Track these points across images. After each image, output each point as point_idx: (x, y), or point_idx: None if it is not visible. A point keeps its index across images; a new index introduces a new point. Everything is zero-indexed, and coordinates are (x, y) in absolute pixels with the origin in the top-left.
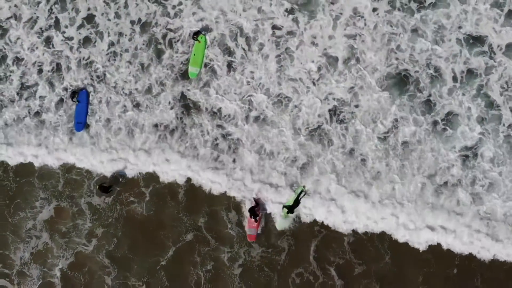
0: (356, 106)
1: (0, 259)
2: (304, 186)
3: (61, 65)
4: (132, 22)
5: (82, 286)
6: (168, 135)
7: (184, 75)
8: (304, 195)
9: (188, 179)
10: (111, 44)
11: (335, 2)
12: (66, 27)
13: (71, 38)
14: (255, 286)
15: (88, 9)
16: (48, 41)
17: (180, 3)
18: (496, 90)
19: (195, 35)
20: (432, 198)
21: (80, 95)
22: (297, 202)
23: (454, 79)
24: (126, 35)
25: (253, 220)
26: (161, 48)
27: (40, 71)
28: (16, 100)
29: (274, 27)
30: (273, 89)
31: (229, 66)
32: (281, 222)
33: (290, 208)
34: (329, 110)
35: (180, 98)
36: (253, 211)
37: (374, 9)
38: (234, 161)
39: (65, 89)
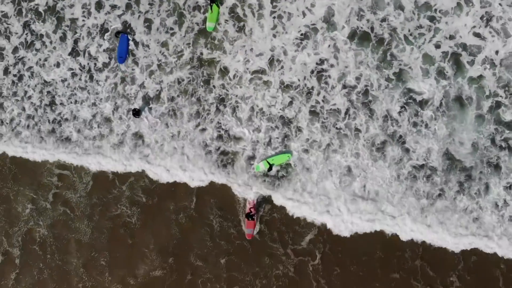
0: (331, 66)
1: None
2: (290, 155)
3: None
4: None
5: None
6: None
7: (201, 32)
8: (285, 162)
9: None
10: (146, 11)
11: None
12: None
13: (117, 7)
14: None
15: None
16: (99, 7)
17: None
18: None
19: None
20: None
21: (121, 38)
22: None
23: (406, 39)
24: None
25: (249, 220)
26: (182, 13)
27: (89, 33)
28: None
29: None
30: (267, 53)
31: (239, 30)
32: (259, 167)
33: (270, 166)
34: (312, 71)
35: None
36: (250, 215)
37: None
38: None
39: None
